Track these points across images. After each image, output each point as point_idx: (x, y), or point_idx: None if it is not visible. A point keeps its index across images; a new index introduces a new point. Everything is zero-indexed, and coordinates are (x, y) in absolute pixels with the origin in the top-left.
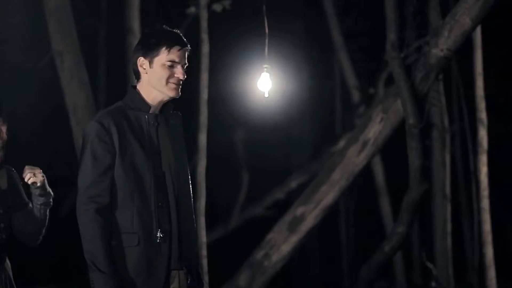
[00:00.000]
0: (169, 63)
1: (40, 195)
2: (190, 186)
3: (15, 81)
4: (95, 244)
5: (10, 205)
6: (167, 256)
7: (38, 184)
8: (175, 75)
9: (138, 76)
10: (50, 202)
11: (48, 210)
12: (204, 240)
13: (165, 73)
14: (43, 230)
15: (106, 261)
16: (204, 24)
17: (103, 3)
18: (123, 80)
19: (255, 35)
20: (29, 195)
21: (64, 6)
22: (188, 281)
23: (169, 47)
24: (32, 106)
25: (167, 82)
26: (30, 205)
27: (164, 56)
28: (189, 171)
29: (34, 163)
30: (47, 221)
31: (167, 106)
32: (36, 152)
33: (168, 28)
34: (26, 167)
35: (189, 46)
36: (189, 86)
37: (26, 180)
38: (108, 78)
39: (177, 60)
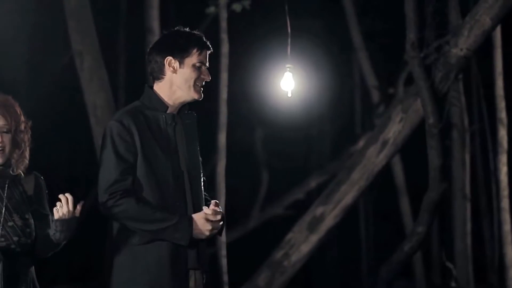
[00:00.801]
0: (198, 64)
1: (61, 231)
2: (203, 187)
3: (35, 81)
4: (145, 217)
5: (33, 211)
6: (185, 255)
7: (60, 217)
8: (202, 76)
9: (159, 75)
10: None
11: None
12: (224, 240)
13: (194, 74)
14: (50, 253)
15: (165, 216)
16: (223, 24)
17: (122, 3)
18: (142, 79)
19: (275, 35)
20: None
21: (84, 6)
22: (204, 281)
23: (200, 48)
24: (52, 106)
25: (194, 83)
26: (50, 217)
27: (195, 57)
28: (202, 172)
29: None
30: (58, 248)
31: (183, 106)
32: (55, 152)
33: (197, 32)
34: (61, 200)
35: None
36: (209, 86)
37: (54, 211)
38: (127, 77)
39: (205, 61)
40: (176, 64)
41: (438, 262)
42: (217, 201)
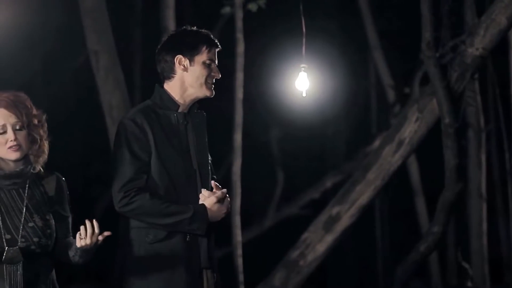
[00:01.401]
0: (208, 62)
1: (81, 256)
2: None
3: (51, 81)
4: (161, 211)
5: (54, 212)
6: (198, 254)
7: (82, 246)
8: (212, 74)
9: (169, 74)
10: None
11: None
12: (239, 239)
13: (205, 72)
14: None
15: (180, 209)
16: (239, 23)
17: (138, 2)
18: (158, 79)
19: (290, 35)
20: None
21: (99, 6)
22: (214, 280)
23: (209, 46)
24: (67, 106)
25: (206, 81)
26: (70, 219)
27: (205, 55)
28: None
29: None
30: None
31: (192, 105)
32: (71, 151)
33: (206, 31)
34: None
35: None
36: (225, 86)
37: (77, 237)
38: (143, 77)
39: (214, 59)
40: (186, 62)
41: (454, 262)
42: (214, 180)
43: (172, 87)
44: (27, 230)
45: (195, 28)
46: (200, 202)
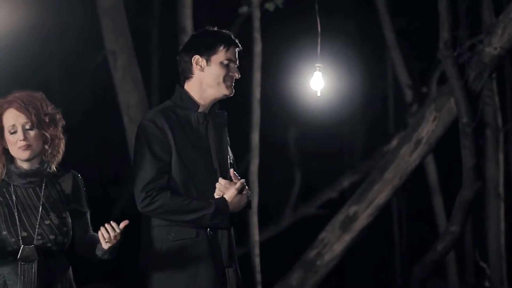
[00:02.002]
0: (226, 62)
1: (110, 253)
2: None
3: (69, 81)
4: (183, 208)
5: (71, 210)
6: (219, 252)
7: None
8: (231, 73)
9: (188, 75)
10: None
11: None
12: (257, 239)
13: (222, 72)
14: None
15: (202, 205)
16: (256, 23)
17: (156, 2)
18: (176, 79)
19: (307, 34)
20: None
21: (117, 6)
22: (236, 279)
23: (227, 46)
24: (85, 105)
25: (224, 80)
26: (88, 214)
27: (222, 55)
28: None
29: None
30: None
31: (213, 105)
32: (88, 151)
33: (224, 30)
34: (110, 227)
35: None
36: (242, 86)
37: (102, 240)
38: (161, 77)
39: (233, 59)
40: (203, 62)
41: (471, 262)
42: (233, 170)
43: (191, 87)
44: (43, 228)
45: (216, 28)
46: (217, 190)
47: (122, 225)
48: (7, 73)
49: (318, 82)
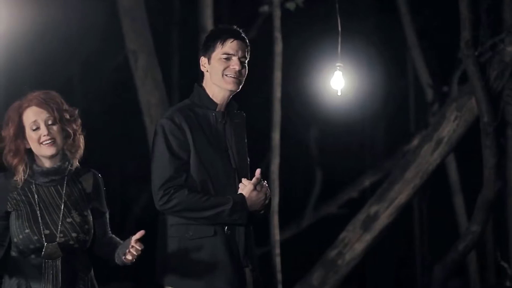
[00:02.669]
0: (224, 56)
1: (123, 264)
2: None
3: (90, 80)
4: (200, 204)
5: (92, 209)
6: (237, 250)
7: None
8: (231, 67)
9: (202, 75)
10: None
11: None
12: (277, 238)
13: (221, 66)
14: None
15: (219, 201)
16: (277, 22)
17: (176, 2)
18: (196, 78)
19: (328, 34)
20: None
21: (138, 5)
22: (253, 279)
23: (223, 40)
24: (106, 105)
25: (223, 74)
26: (107, 214)
27: (219, 50)
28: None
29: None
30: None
31: (231, 105)
32: (109, 151)
33: (226, 26)
34: (136, 245)
35: (245, 39)
36: (262, 85)
37: (127, 255)
38: (181, 76)
39: (231, 52)
40: (206, 61)
41: (492, 261)
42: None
43: (206, 86)
44: (66, 226)
45: (221, 26)
46: (239, 190)
47: (138, 235)
48: (29, 73)
49: (338, 82)
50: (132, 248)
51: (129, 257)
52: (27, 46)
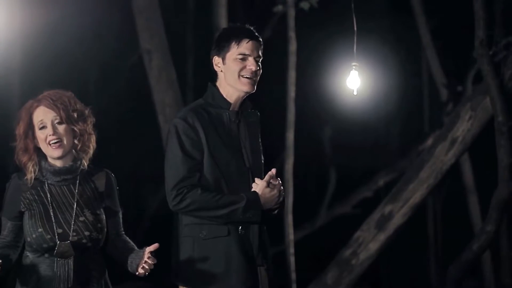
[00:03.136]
0: (240, 57)
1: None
2: None
3: (104, 80)
4: (214, 203)
5: (104, 208)
6: (251, 250)
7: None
8: (247, 67)
9: (216, 75)
10: None
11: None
12: (292, 238)
13: (237, 67)
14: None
15: (232, 199)
16: (291, 22)
17: (190, 1)
18: (210, 78)
19: (343, 33)
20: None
21: (152, 5)
22: (268, 278)
23: (238, 40)
24: (120, 105)
25: (239, 75)
26: (120, 214)
27: (234, 51)
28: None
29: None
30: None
31: (245, 104)
32: (124, 150)
33: (239, 25)
34: (149, 260)
35: (259, 38)
36: (277, 84)
37: (139, 268)
38: (195, 76)
39: (247, 52)
40: (220, 62)
41: (507, 261)
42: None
43: (219, 86)
44: (78, 225)
45: (234, 25)
46: (252, 190)
47: (152, 248)
48: (43, 73)
49: (354, 81)
50: (145, 263)
51: (141, 271)
52: (41, 46)
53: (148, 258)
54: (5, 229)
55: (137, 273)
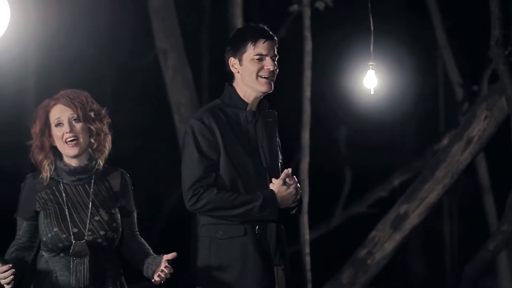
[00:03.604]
0: (257, 57)
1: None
2: None
3: (120, 80)
4: (230, 202)
5: (119, 208)
6: (268, 250)
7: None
8: (265, 67)
9: (232, 76)
10: None
11: None
12: (307, 238)
13: (254, 68)
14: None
15: (248, 198)
16: (306, 21)
17: (206, 1)
18: (226, 78)
19: (359, 33)
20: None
21: (168, 5)
22: (285, 278)
23: (254, 41)
24: (136, 104)
25: (257, 76)
26: (135, 214)
27: (251, 51)
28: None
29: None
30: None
31: (262, 104)
32: (139, 150)
33: (253, 25)
34: (166, 269)
35: (274, 37)
36: (292, 84)
37: (155, 275)
38: (211, 76)
39: (264, 52)
40: (236, 63)
41: None
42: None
43: (236, 86)
44: (94, 224)
45: (247, 25)
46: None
47: (170, 256)
48: (59, 74)
49: (371, 81)
50: (162, 272)
51: (157, 279)
52: (57, 47)
53: (165, 267)
54: (20, 229)
55: (153, 281)
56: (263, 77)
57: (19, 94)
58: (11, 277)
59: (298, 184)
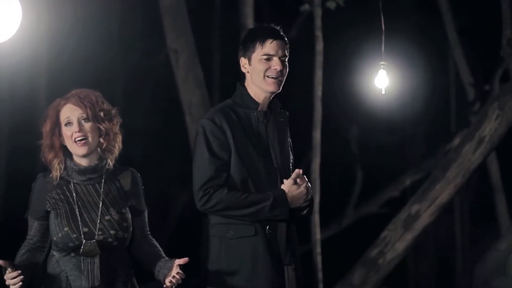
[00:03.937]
0: (264, 57)
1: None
2: None
3: (131, 80)
4: (241, 202)
5: (130, 207)
6: (278, 250)
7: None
8: (273, 67)
9: (243, 76)
10: None
11: None
12: (318, 238)
13: (262, 67)
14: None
15: (259, 197)
16: (318, 21)
17: (217, 0)
18: (237, 77)
19: (371, 33)
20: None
21: (179, 4)
22: (296, 278)
23: (262, 41)
24: (147, 104)
25: (265, 76)
26: (146, 213)
27: (259, 51)
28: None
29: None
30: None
31: (274, 103)
32: (150, 150)
33: (264, 25)
34: (177, 275)
35: (284, 38)
36: (304, 84)
37: (167, 280)
38: (222, 75)
39: (272, 52)
40: (246, 63)
41: None
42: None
43: (247, 86)
44: (104, 224)
45: (259, 25)
46: None
47: (182, 261)
48: (70, 73)
49: (382, 80)
50: (173, 278)
51: (169, 284)
52: (68, 46)
53: (177, 273)
54: (31, 229)
55: (164, 286)
56: (270, 77)
57: (31, 94)
58: (20, 284)
59: (309, 184)
